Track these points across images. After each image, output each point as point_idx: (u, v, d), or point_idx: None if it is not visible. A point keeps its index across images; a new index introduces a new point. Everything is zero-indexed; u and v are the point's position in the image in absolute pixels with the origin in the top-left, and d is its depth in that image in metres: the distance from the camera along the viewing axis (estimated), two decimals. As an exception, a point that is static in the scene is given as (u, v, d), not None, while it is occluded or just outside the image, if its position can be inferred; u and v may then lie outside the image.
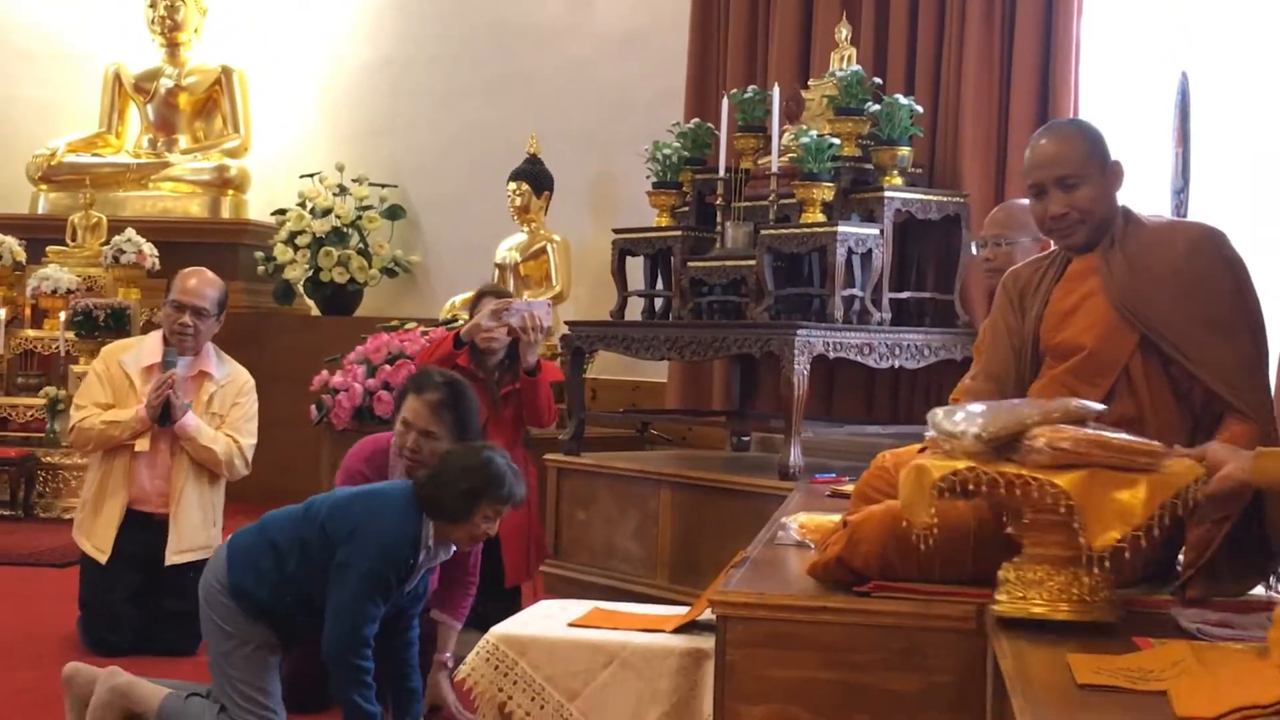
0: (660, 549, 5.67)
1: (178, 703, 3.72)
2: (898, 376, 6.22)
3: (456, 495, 3.66)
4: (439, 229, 9.19)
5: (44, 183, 9.49)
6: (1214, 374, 2.65)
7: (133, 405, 4.88)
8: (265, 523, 3.82)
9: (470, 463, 3.71)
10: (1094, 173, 2.75)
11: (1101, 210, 2.77)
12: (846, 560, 2.57)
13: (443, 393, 4.14)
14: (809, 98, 6.18)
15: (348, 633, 3.55)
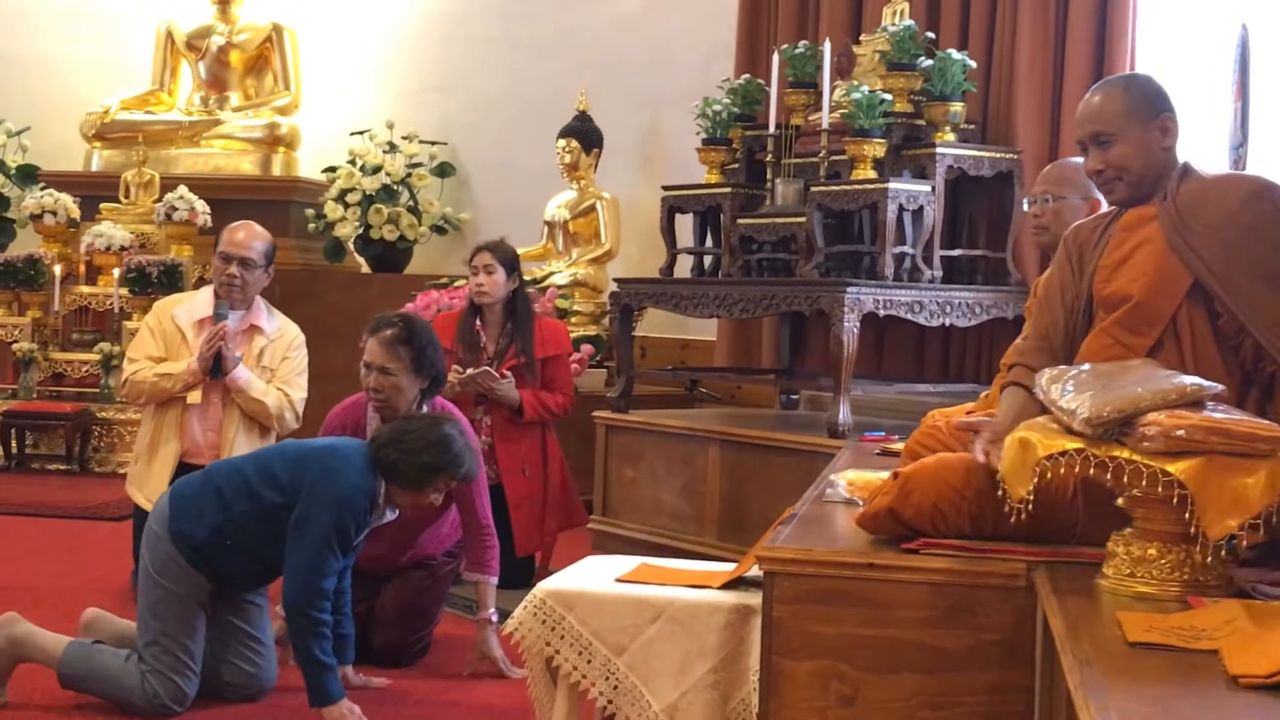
0: (708, 506, 5.68)
1: (81, 650, 3.76)
2: (948, 334, 6.17)
3: (416, 467, 3.76)
4: (488, 186, 9.19)
5: (97, 140, 9.55)
6: (1265, 327, 2.60)
7: (185, 358, 4.92)
8: (211, 471, 3.91)
9: (433, 437, 3.80)
10: (1132, 129, 2.70)
11: (1140, 167, 2.71)
12: (897, 510, 2.55)
13: (397, 329, 4.21)
14: (860, 53, 6.12)
15: (306, 585, 3.64)
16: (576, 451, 6.82)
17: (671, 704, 2.92)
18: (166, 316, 5.06)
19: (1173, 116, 2.74)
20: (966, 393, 5.24)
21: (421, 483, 3.78)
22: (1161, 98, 2.76)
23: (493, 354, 5.29)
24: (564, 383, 5.38)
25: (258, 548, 3.76)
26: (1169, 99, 2.77)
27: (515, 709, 3.79)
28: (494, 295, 5.26)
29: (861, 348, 5.48)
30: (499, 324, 5.33)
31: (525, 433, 5.27)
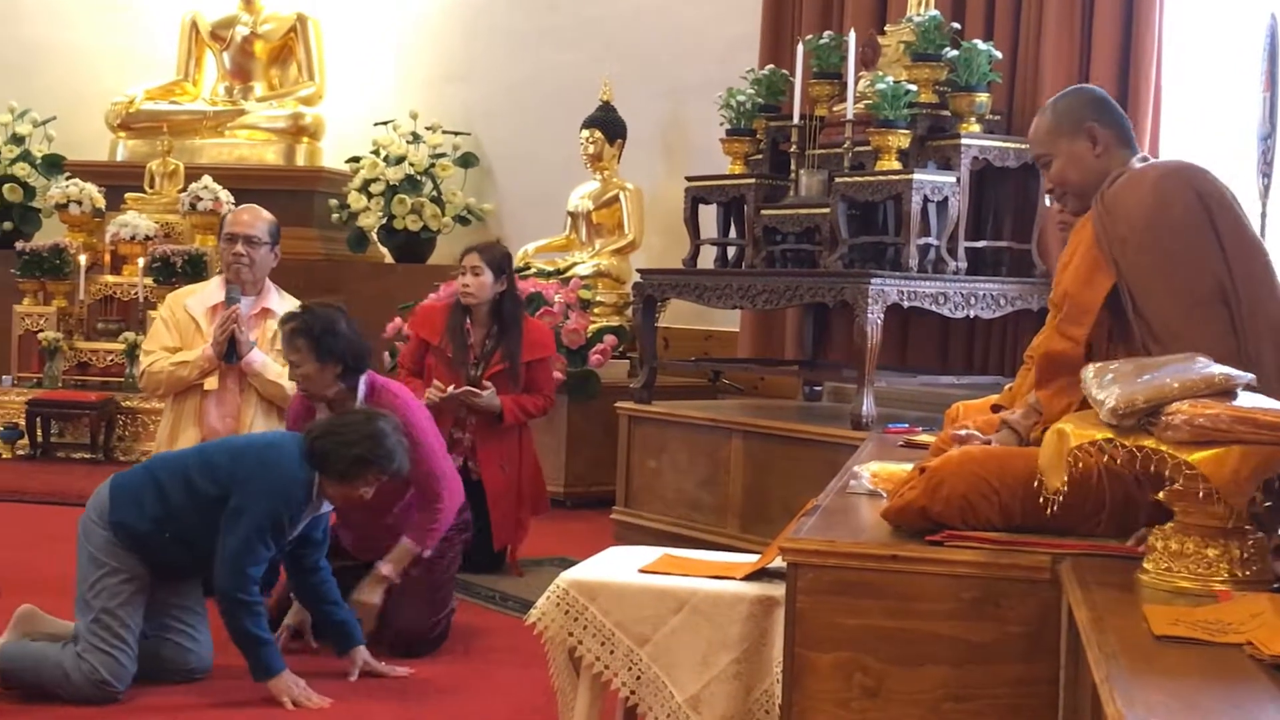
0: (731, 498, 5.67)
1: (16, 644, 3.80)
2: (973, 326, 6.15)
3: (347, 459, 3.81)
4: (512, 177, 9.19)
5: (122, 130, 9.58)
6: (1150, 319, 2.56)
7: (199, 346, 4.95)
8: (152, 464, 3.98)
9: (366, 431, 3.85)
10: (1060, 145, 2.81)
11: (1077, 178, 2.80)
12: (926, 504, 2.54)
13: (295, 322, 4.28)
14: (885, 44, 6.10)
15: (236, 572, 3.72)
16: (599, 442, 6.84)
17: (694, 695, 2.92)
18: (179, 307, 5.10)
19: (1101, 124, 2.82)
20: (991, 385, 5.22)
21: (352, 475, 3.83)
22: (1090, 107, 2.83)
23: (479, 354, 5.38)
24: (545, 385, 5.48)
25: (196, 540, 3.82)
26: (1100, 106, 2.84)
27: (539, 699, 3.80)
28: (479, 296, 5.34)
29: (885, 339, 5.47)
30: (486, 324, 5.41)
31: (504, 431, 5.37)
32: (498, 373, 5.33)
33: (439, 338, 5.38)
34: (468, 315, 5.40)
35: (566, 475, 6.99)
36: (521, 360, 5.36)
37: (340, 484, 3.85)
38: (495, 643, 4.48)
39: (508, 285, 5.40)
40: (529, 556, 5.70)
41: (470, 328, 5.41)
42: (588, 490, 6.94)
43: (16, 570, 4.96)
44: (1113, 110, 2.86)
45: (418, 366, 5.48)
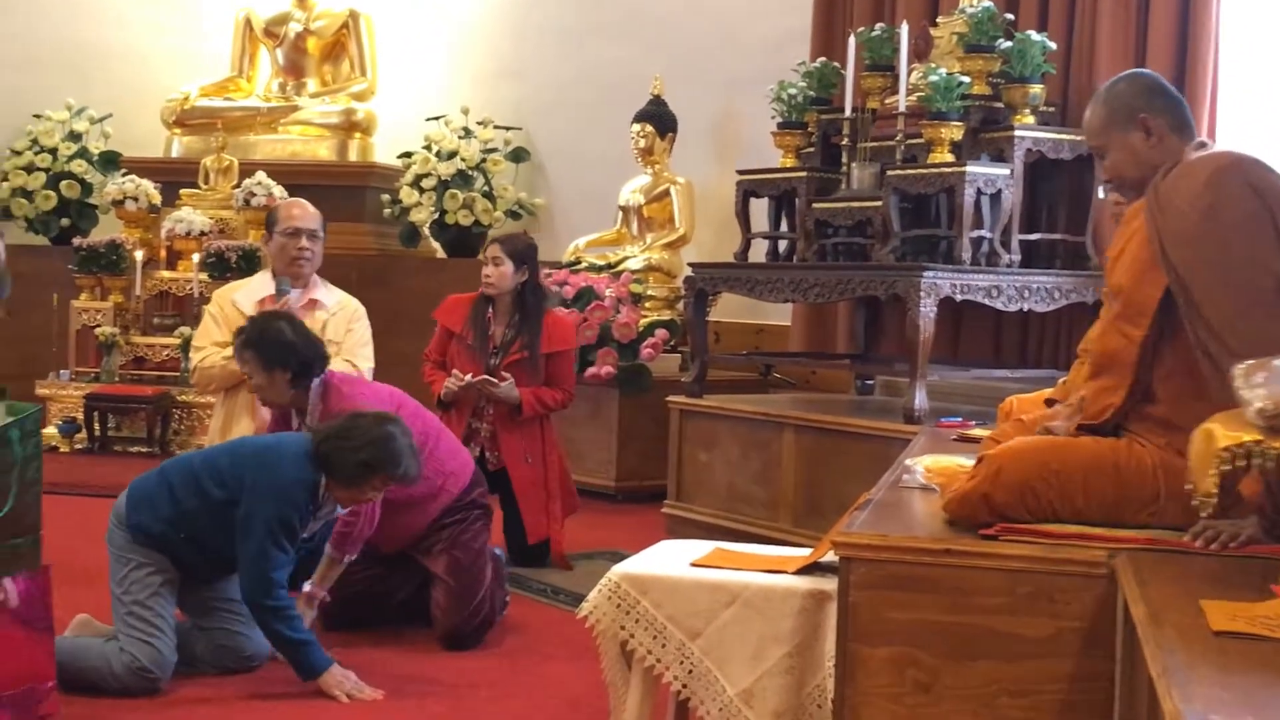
0: (783, 492, 5.66)
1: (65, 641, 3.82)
2: (1026, 320, 6.11)
3: (354, 463, 3.80)
4: (563, 171, 9.20)
5: (177, 127, 9.66)
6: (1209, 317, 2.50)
7: None
8: (164, 468, 4.00)
9: (374, 435, 3.83)
10: (1114, 137, 2.77)
11: (1132, 170, 2.75)
12: (989, 490, 2.53)
13: (243, 334, 4.35)
14: (938, 35, 6.06)
15: (258, 578, 3.75)
16: (650, 436, 6.84)
17: (746, 688, 2.91)
18: (227, 302, 5.14)
19: (1154, 113, 2.73)
20: (1044, 378, 5.18)
21: (358, 480, 3.84)
22: (1143, 96, 2.76)
23: (499, 343, 5.42)
24: (565, 379, 5.48)
25: (209, 541, 3.86)
26: (1153, 94, 2.77)
27: (590, 692, 3.80)
28: (499, 286, 5.38)
29: (938, 333, 5.44)
30: (508, 315, 5.45)
31: (526, 424, 5.39)
32: (516, 362, 5.36)
33: (461, 326, 5.43)
34: (490, 306, 5.45)
35: (618, 469, 7.00)
36: (541, 352, 5.38)
37: (347, 488, 3.87)
38: (547, 636, 4.49)
39: (529, 276, 5.43)
40: (580, 550, 5.71)
41: (492, 318, 5.45)
42: (639, 484, 6.95)
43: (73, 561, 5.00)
44: (1167, 96, 2.79)
45: (442, 357, 5.52)
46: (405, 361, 6.41)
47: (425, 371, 5.54)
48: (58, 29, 9.74)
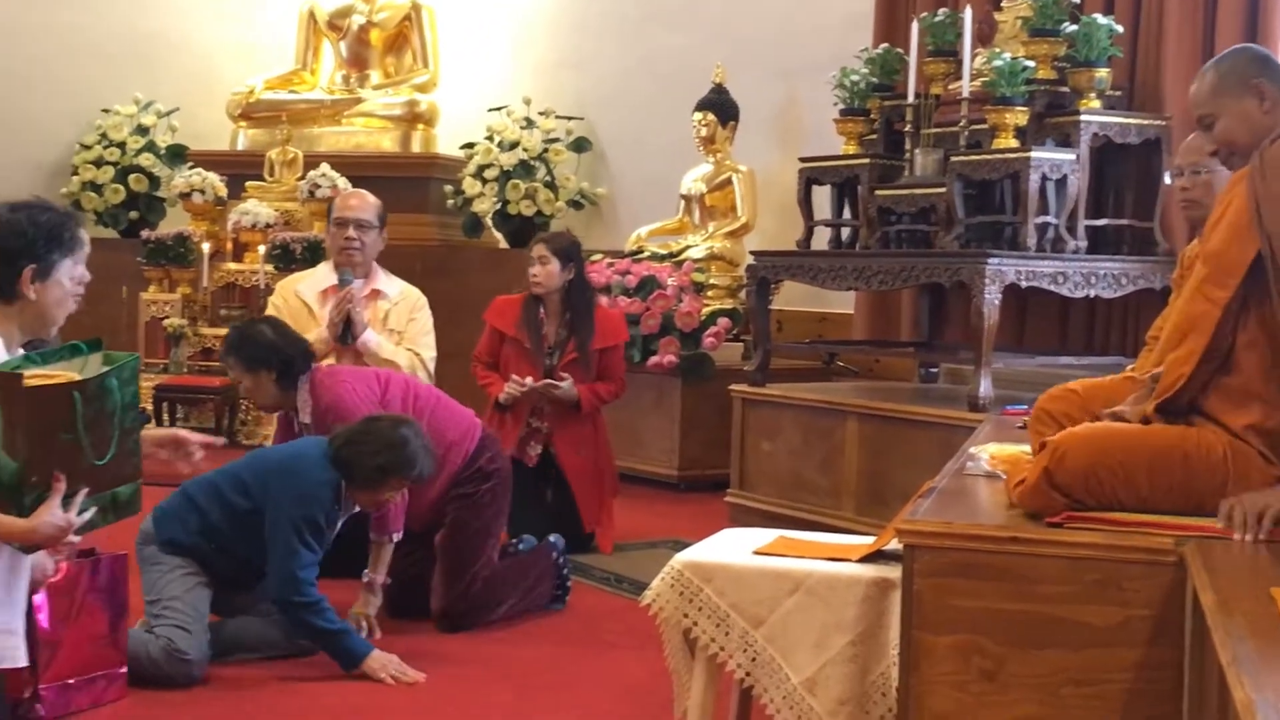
0: (846, 480, 5.63)
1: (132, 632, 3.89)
2: (1093, 306, 6.04)
3: (370, 468, 3.90)
4: (624, 161, 9.20)
5: (243, 120, 9.75)
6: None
7: (313, 330, 5.02)
8: (185, 487, 4.07)
9: (389, 439, 3.92)
10: (1226, 104, 2.74)
11: (1244, 137, 2.71)
12: (1051, 473, 2.51)
13: (224, 343, 4.51)
14: (1002, 20, 6.01)
15: (286, 579, 3.83)
16: (713, 425, 6.84)
17: (810, 677, 2.90)
18: (290, 293, 5.18)
19: (1269, 80, 2.72)
20: (1111, 365, 5.13)
21: (375, 483, 3.93)
22: (1256, 64, 2.75)
23: (553, 343, 5.51)
24: (617, 372, 5.58)
25: (239, 550, 3.95)
26: (1266, 63, 2.75)
27: (653, 681, 3.81)
28: (547, 285, 5.45)
29: (1003, 320, 5.40)
30: (559, 313, 5.52)
31: (580, 417, 5.49)
32: (571, 361, 5.46)
33: (514, 329, 5.50)
34: (541, 306, 5.50)
35: (680, 458, 7.00)
36: (594, 348, 5.46)
37: (365, 491, 3.95)
38: (610, 624, 4.50)
39: (576, 274, 5.51)
40: (642, 539, 5.73)
41: (544, 318, 5.51)
42: (702, 473, 6.94)
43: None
44: (1277, 66, 2.77)
45: (493, 359, 5.60)
46: (469, 352, 6.43)
47: (478, 374, 5.62)
48: (124, 22, 9.86)
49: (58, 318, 3.01)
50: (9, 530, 2.80)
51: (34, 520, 2.79)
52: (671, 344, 6.91)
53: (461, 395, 5.80)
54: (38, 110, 9.55)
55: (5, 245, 2.92)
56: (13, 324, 2.96)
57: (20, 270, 2.91)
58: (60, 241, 2.97)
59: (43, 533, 2.80)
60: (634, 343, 6.92)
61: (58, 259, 2.96)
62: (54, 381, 2.82)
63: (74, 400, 2.81)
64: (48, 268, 2.94)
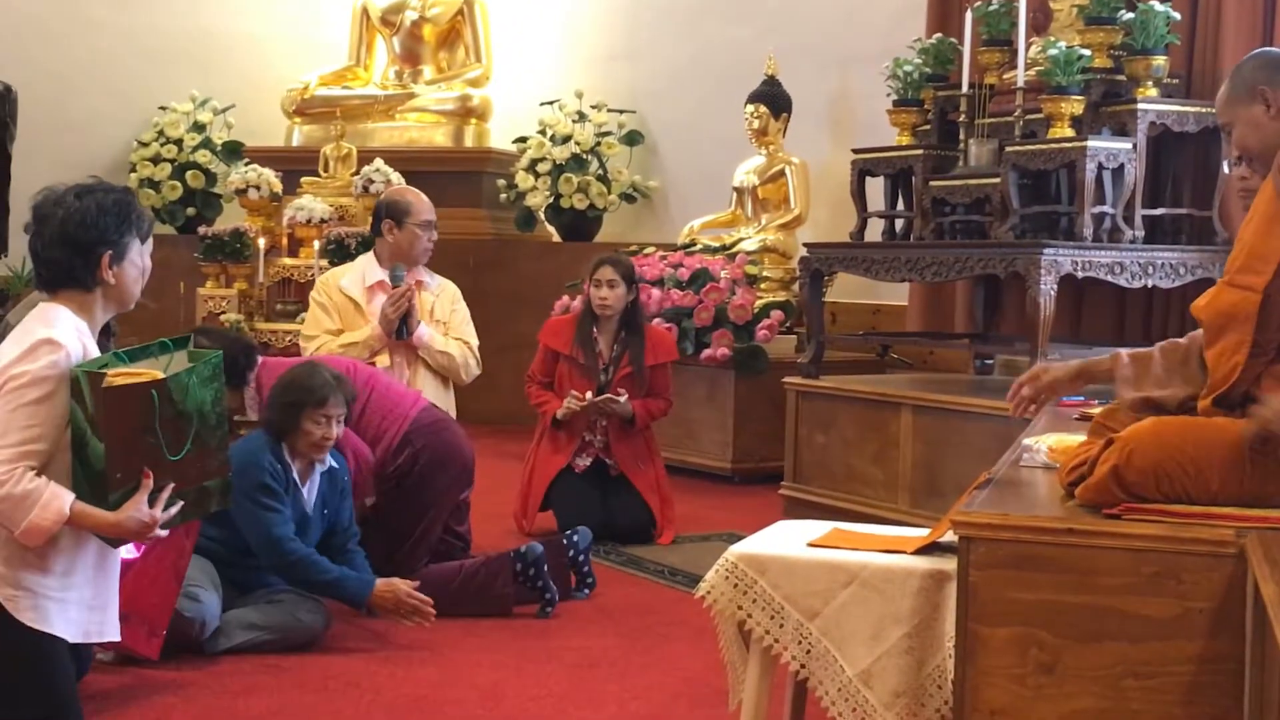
0: (901, 473, 5.61)
1: None
2: (1151, 296, 5.99)
3: (278, 411, 4.04)
4: (677, 153, 9.20)
5: (298, 116, 9.82)
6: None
7: (361, 326, 5.04)
8: None
9: (287, 380, 4.09)
10: (1238, 111, 2.76)
11: (1256, 143, 2.74)
12: (1120, 471, 2.48)
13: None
14: (1057, 8, 5.96)
15: (268, 545, 3.99)
16: (767, 418, 6.83)
17: (865, 669, 2.89)
18: (334, 289, 5.18)
19: (1273, 86, 2.71)
20: (1170, 356, 5.08)
21: (294, 422, 4.03)
22: (1262, 70, 2.75)
23: (608, 360, 5.66)
24: (665, 389, 5.74)
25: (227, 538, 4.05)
26: (1275, 69, 2.74)
27: (708, 672, 3.81)
28: (615, 308, 5.62)
29: (1059, 310, 5.36)
30: (614, 332, 5.68)
31: (634, 432, 5.65)
32: (625, 376, 5.60)
33: (569, 347, 5.65)
34: (595, 324, 5.63)
35: (734, 451, 6.99)
36: (646, 364, 5.62)
37: (294, 437, 4.05)
38: (665, 616, 4.51)
39: (635, 294, 5.69)
40: (697, 532, 5.74)
41: (598, 336, 5.66)
42: (756, 466, 6.94)
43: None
44: None
45: (548, 378, 5.74)
46: (525, 344, 6.47)
47: (532, 393, 5.74)
48: (179, 20, 9.95)
49: (135, 296, 3.07)
50: (97, 522, 2.90)
51: (120, 514, 2.89)
52: (724, 337, 6.91)
53: (514, 383, 5.88)
54: (94, 110, 9.66)
55: (80, 236, 2.95)
56: (93, 310, 3.01)
57: (99, 258, 2.96)
58: (130, 222, 3.02)
59: (128, 527, 2.92)
60: (687, 335, 6.93)
61: (130, 240, 3.01)
62: (133, 381, 2.87)
63: (152, 399, 2.88)
64: (122, 250, 3.00)
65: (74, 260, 2.96)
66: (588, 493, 5.60)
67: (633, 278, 5.69)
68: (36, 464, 2.85)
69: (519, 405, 6.79)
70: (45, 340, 2.88)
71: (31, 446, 2.84)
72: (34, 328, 2.93)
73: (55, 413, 2.86)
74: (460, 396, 5.30)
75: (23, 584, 2.90)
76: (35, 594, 2.91)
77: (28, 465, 2.83)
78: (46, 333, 2.89)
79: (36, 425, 2.84)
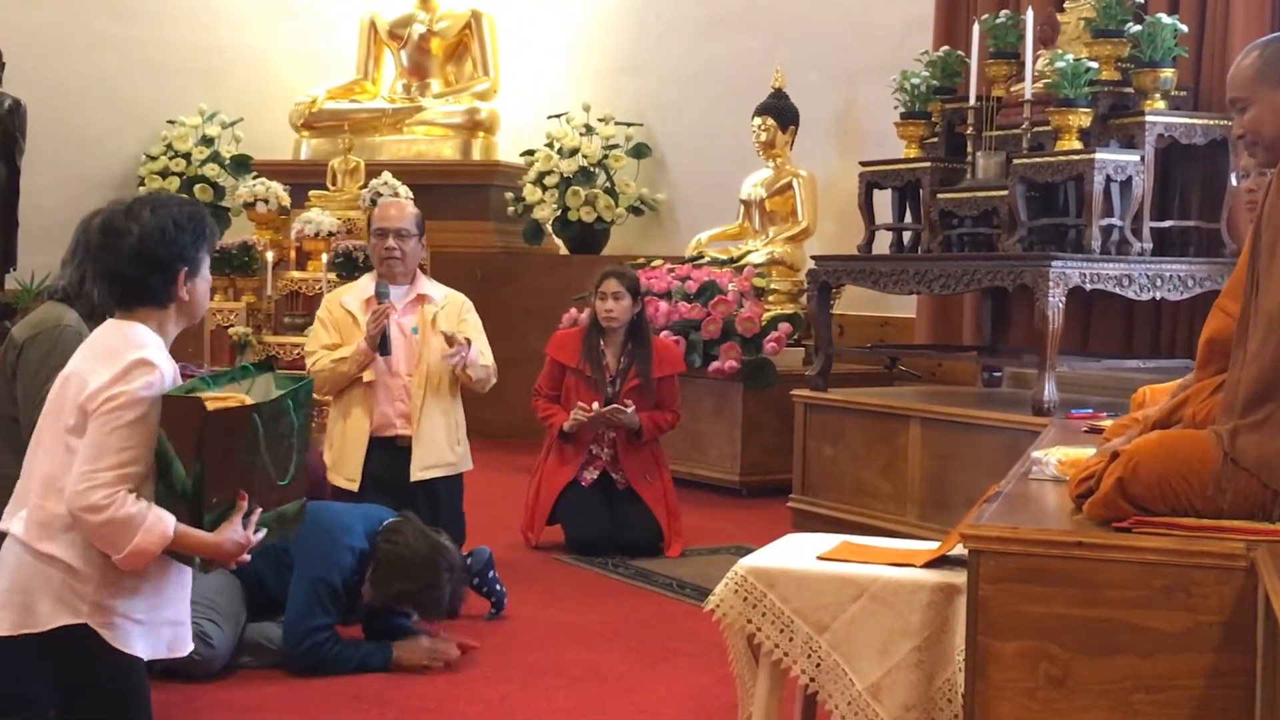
0: (909, 485, 5.61)
1: None
2: (1159, 309, 5.98)
3: (394, 584, 3.97)
4: (684, 166, 9.21)
5: (306, 129, 9.84)
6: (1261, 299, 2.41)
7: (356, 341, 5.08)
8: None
9: (426, 572, 3.98)
10: (1262, 93, 2.62)
11: (1271, 131, 2.61)
12: (1126, 484, 2.46)
13: None
14: (1064, 21, 5.96)
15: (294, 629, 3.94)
16: (775, 430, 6.82)
17: (875, 683, 2.89)
18: (336, 305, 5.24)
19: None
20: (1178, 368, 5.07)
21: (387, 595, 3.99)
22: None
23: (615, 372, 5.67)
24: (672, 401, 5.74)
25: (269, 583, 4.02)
26: None
27: (718, 686, 3.80)
28: (622, 320, 5.64)
29: (1067, 323, 5.35)
30: (620, 344, 5.70)
31: (641, 445, 5.65)
32: (632, 389, 5.60)
33: (577, 360, 5.66)
34: (601, 337, 5.65)
35: (742, 463, 6.99)
36: (654, 376, 5.63)
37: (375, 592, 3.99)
38: (674, 630, 4.50)
39: (641, 306, 5.71)
40: (706, 545, 5.73)
41: (604, 348, 5.67)
42: (764, 478, 6.93)
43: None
44: None
45: (555, 391, 5.75)
46: (533, 357, 6.46)
47: (539, 406, 5.76)
48: (186, 34, 9.97)
49: (204, 311, 3.06)
50: (196, 544, 2.88)
51: (219, 536, 2.88)
52: (733, 349, 6.91)
53: (524, 396, 5.88)
54: (103, 125, 9.67)
55: (159, 253, 2.91)
56: (168, 327, 2.97)
57: (176, 274, 2.92)
58: (204, 237, 2.98)
59: (226, 549, 2.90)
60: (695, 348, 6.93)
61: (203, 255, 2.98)
62: (234, 404, 2.86)
63: (254, 423, 2.87)
64: (196, 266, 2.96)
65: (152, 277, 2.91)
66: (595, 506, 5.60)
67: (638, 290, 5.71)
68: (134, 486, 2.80)
69: (526, 418, 6.79)
70: (140, 361, 2.83)
71: (129, 469, 2.80)
72: (120, 347, 2.87)
73: (148, 434, 2.83)
74: (468, 409, 5.30)
75: (118, 611, 2.86)
76: (129, 619, 2.88)
77: (127, 488, 2.79)
78: (139, 353, 2.84)
79: (132, 447, 2.80)
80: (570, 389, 5.68)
